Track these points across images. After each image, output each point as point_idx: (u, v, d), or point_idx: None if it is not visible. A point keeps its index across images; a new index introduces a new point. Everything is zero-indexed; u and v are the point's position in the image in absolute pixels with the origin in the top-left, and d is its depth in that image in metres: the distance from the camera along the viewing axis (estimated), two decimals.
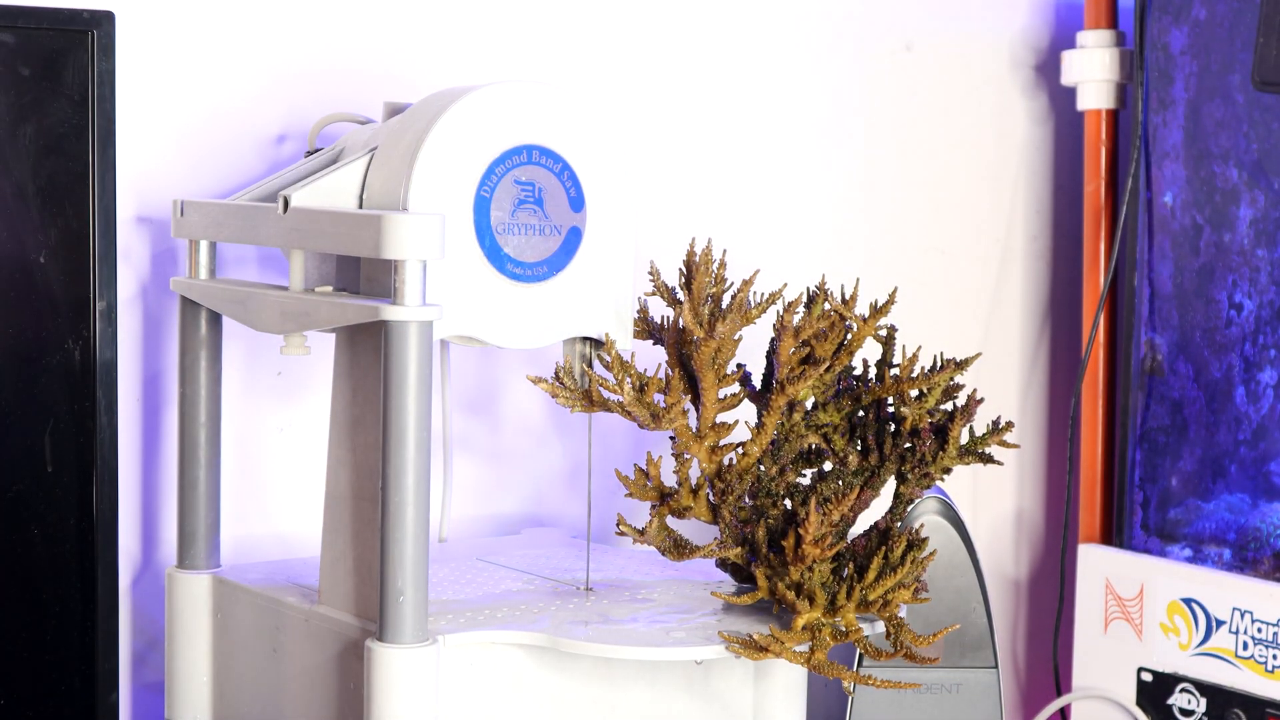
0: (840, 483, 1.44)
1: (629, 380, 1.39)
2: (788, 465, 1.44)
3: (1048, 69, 2.11)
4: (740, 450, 1.42)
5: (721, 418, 1.46)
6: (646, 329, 1.48)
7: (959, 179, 2.09)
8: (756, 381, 1.48)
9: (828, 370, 1.43)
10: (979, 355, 1.51)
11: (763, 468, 1.44)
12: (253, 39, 1.63)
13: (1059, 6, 2.13)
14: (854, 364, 1.49)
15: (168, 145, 1.60)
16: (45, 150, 1.43)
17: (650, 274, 1.46)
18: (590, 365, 1.46)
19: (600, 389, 1.40)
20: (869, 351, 1.73)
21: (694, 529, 1.69)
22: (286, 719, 1.44)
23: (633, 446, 1.82)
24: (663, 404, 1.40)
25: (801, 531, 1.37)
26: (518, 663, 1.38)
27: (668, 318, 1.46)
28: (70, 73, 1.44)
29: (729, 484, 1.41)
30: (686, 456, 1.42)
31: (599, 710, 1.42)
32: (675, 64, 1.88)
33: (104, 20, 1.44)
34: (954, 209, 2.09)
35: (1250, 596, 1.77)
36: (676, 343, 1.43)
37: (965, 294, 2.10)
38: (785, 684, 1.48)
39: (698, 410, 1.42)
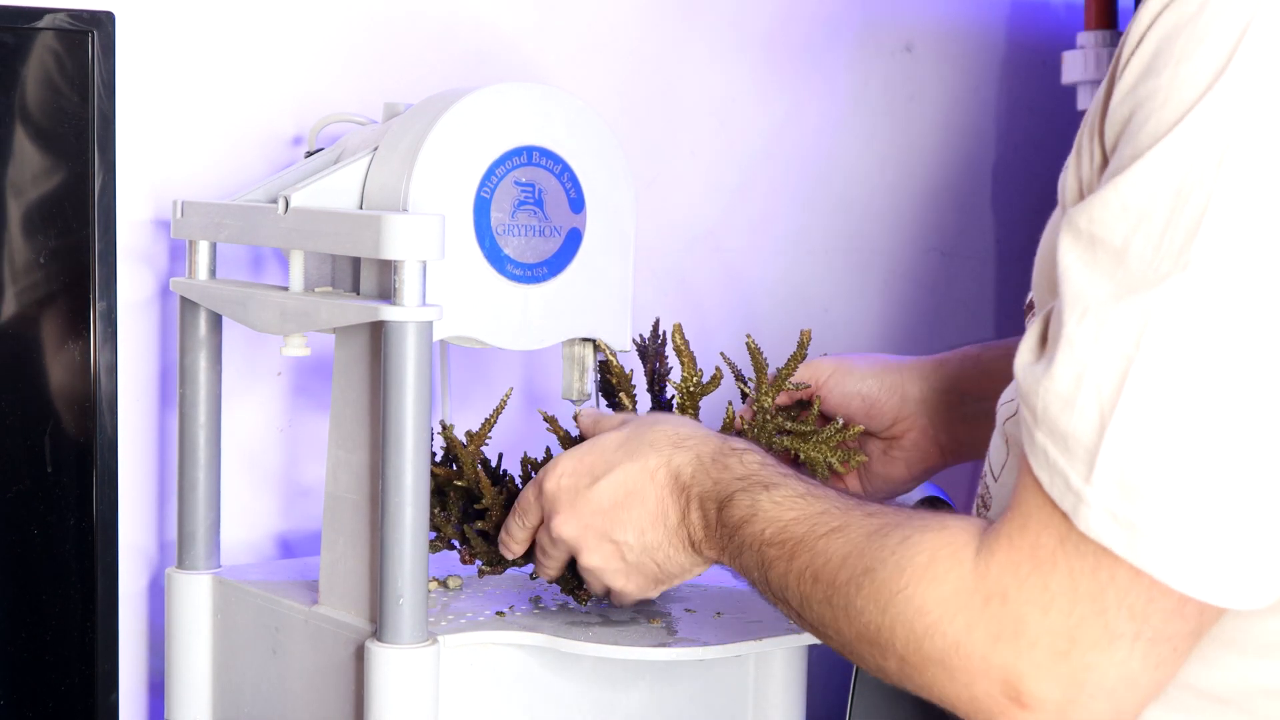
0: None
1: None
2: None
3: (1048, 69, 2.11)
4: None
5: None
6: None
7: (959, 179, 2.09)
8: None
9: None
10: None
11: None
12: (253, 40, 1.63)
13: (1059, 6, 2.13)
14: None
15: (168, 145, 1.59)
16: (45, 150, 1.43)
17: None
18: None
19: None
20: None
21: None
22: (286, 719, 1.44)
23: None
24: None
25: None
26: (518, 663, 1.38)
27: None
28: (70, 73, 1.44)
29: None
30: None
31: (599, 710, 1.42)
32: (675, 64, 1.88)
33: (104, 20, 1.44)
34: (954, 209, 2.09)
35: None
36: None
37: (965, 294, 2.10)
38: (785, 684, 1.47)
39: None
